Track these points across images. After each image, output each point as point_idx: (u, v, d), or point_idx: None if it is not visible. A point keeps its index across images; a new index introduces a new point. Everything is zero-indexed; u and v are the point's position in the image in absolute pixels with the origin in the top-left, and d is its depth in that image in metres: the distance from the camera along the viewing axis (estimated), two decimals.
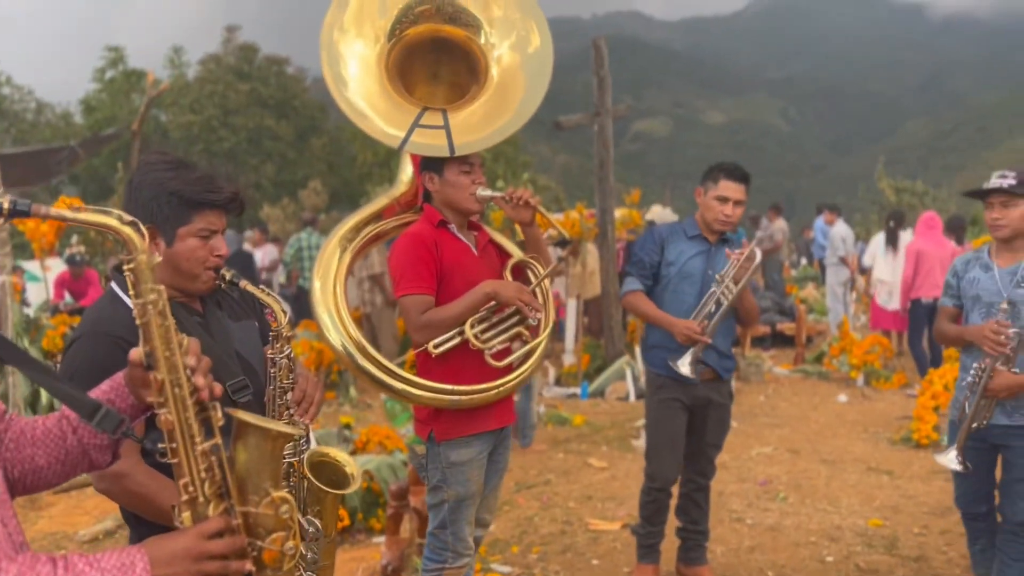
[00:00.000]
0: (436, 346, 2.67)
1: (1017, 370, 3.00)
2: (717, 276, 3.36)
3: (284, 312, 1.90)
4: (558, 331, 10.44)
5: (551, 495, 5.12)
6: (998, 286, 3.10)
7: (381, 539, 4.20)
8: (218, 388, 1.35)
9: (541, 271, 2.89)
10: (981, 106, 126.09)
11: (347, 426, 5.55)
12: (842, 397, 7.70)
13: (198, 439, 1.31)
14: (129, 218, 1.31)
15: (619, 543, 4.31)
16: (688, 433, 3.60)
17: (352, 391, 8.14)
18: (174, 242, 1.84)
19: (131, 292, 1.32)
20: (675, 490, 3.75)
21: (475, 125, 2.83)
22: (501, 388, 2.75)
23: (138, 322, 1.31)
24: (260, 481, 1.38)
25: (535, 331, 2.82)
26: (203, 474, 1.31)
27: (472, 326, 2.67)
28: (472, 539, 2.85)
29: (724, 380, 3.64)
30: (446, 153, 2.73)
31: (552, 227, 3.03)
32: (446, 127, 2.77)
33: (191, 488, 1.31)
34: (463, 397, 2.70)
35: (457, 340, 2.68)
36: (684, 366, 3.36)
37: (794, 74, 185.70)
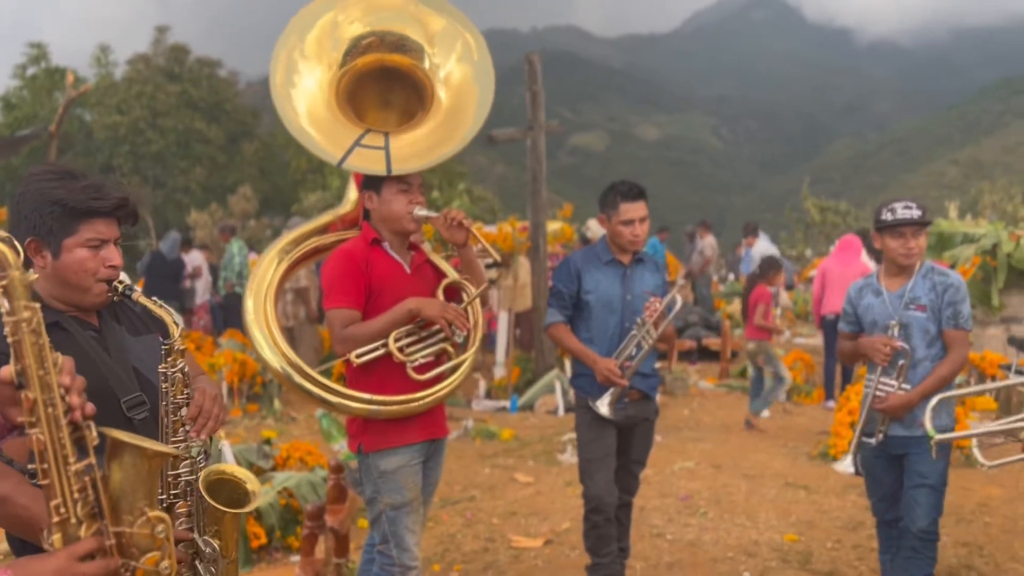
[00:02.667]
0: (358, 356, 2.75)
1: (908, 387, 3.19)
2: (639, 320, 3.40)
3: (176, 324, 1.83)
4: (489, 344, 10.42)
5: (475, 511, 5.08)
6: (889, 309, 3.29)
7: (299, 558, 4.09)
8: (91, 407, 1.32)
9: (473, 291, 2.95)
10: (902, 130, 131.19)
11: (267, 441, 5.41)
12: (764, 412, 7.85)
13: (71, 459, 1.29)
14: (2, 234, 1.25)
15: (540, 560, 4.29)
16: (615, 452, 3.61)
17: (276, 403, 7.96)
18: (60, 254, 1.76)
19: (3, 309, 1.25)
20: None
21: (415, 146, 2.94)
22: (424, 400, 2.82)
23: (10, 340, 1.27)
24: (135, 500, 1.37)
25: (464, 347, 2.91)
26: (76, 495, 1.29)
27: (395, 340, 2.75)
28: (417, 549, 2.86)
29: (651, 399, 3.67)
30: (383, 171, 2.82)
31: (484, 249, 3.07)
32: (386, 148, 2.88)
33: (62, 509, 1.29)
34: (383, 408, 2.76)
35: (380, 352, 2.77)
36: (603, 407, 3.40)
37: (727, 93, 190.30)
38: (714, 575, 4.09)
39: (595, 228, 11.75)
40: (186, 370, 1.85)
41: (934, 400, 2.92)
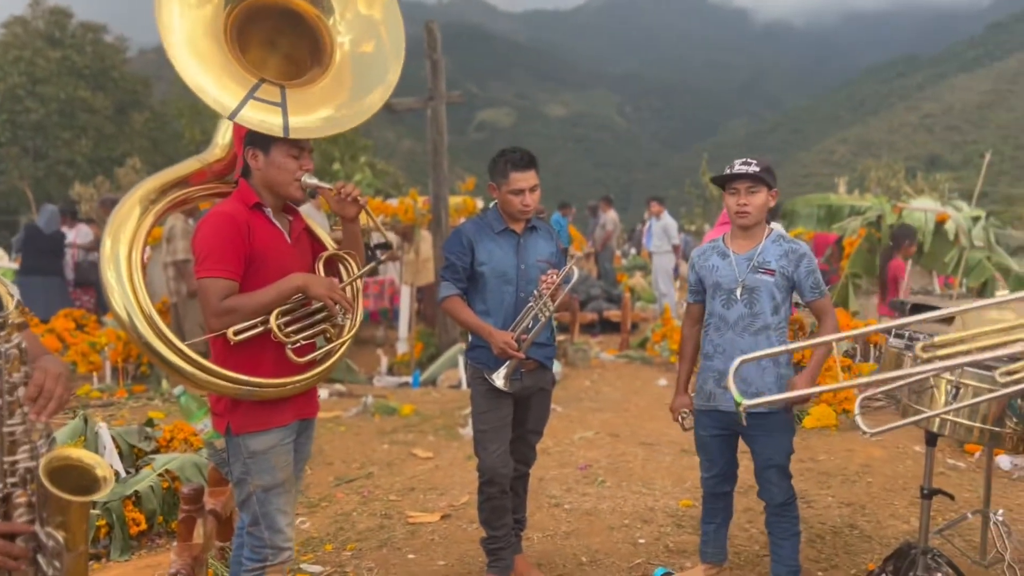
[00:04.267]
0: (236, 333, 2.52)
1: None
2: (535, 292, 3.32)
3: (11, 296, 1.65)
4: (392, 319, 10.25)
5: (372, 488, 4.96)
6: (735, 272, 3.24)
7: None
8: None
9: (355, 269, 2.78)
10: (795, 109, 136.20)
11: (150, 422, 5.14)
12: (662, 381, 7.99)
13: None
14: None
15: (437, 535, 4.22)
16: (511, 422, 3.55)
17: (164, 384, 7.59)
18: None
19: None
20: None
21: (313, 109, 2.68)
22: (299, 383, 2.65)
23: None
24: None
25: (341, 329, 2.72)
26: None
27: (277, 317, 2.55)
28: (290, 530, 2.71)
29: (547, 368, 3.62)
30: (279, 133, 2.56)
31: (376, 229, 2.90)
32: (282, 105, 2.59)
33: None
34: (257, 390, 2.57)
35: (260, 329, 2.55)
36: (499, 379, 3.32)
37: (631, 71, 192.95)
38: (610, 543, 4.11)
39: None
40: (23, 346, 1.67)
41: (736, 362, 2.36)
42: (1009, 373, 2.11)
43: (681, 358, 3.58)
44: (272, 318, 2.53)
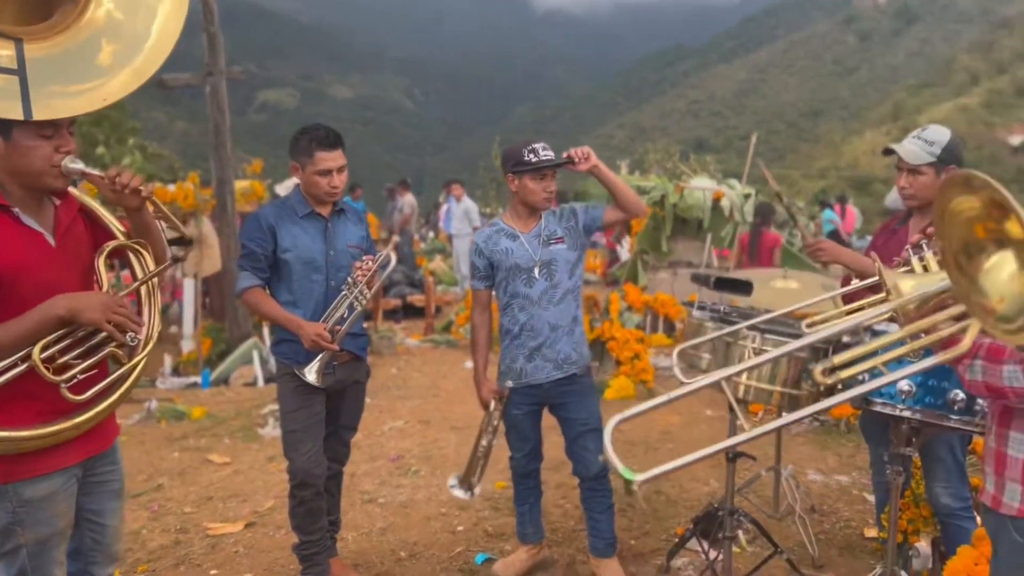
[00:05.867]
0: None
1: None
2: (349, 279, 3.11)
3: None
4: (175, 315, 9.47)
5: (163, 501, 4.51)
6: (530, 251, 3.28)
7: None
8: None
9: (149, 263, 2.29)
10: (576, 95, 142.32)
11: None
12: (469, 364, 7.97)
13: None
14: None
15: (241, 546, 3.90)
16: (324, 418, 3.31)
17: None
18: None
19: None
20: None
21: (62, 75, 2.09)
22: (81, 423, 2.10)
23: None
24: None
25: (134, 349, 2.21)
26: None
27: (41, 351, 2.00)
28: None
29: (362, 360, 3.41)
30: (19, 115, 2.00)
31: (168, 222, 2.40)
32: (20, 72, 2.01)
33: None
34: (22, 444, 2.03)
35: (21, 369, 2.00)
36: (311, 374, 3.08)
37: (417, 55, 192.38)
38: (428, 534, 4.00)
39: (289, 187, 11.15)
40: None
41: (612, 423, 2.42)
42: (812, 325, 2.22)
43: (476, 347, 3.52)
44: (36, 352, 1.98)
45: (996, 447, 1.93)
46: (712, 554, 3.28)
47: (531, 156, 3.21)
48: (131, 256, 2.32)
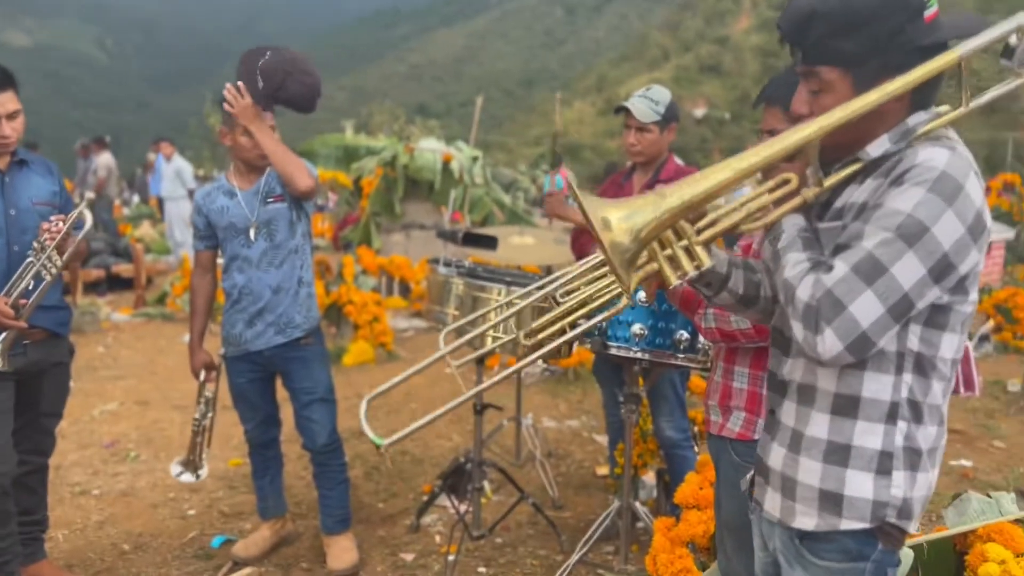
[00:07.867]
0: None
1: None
2: (35, 244, 2.65)
3: None
4: None
5: None
6: (246, 209, 3.05)
7: None
8: None
9: None
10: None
11: None
12: (186, 338, 7.39)
13: None
14: None
15: None
16: (18, 406, 2.82)
17: None
18: None
19: None
20: None
21: None
22: None
23: None
24: None
25: None
26: None
27: None
28: None
29: (62, 337, 2.95)
30: None
31: None
32: None
33: None
34: None
35: None
36: None
37: (107, 1, 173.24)
38: (155, 522, 3.64)
39: None
40: None
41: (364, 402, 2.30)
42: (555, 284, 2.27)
43: (194, 312, 3.23)
44: None
45: (723, 381, 2.11)
46: (462, 508, 3.32)
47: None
48: None
